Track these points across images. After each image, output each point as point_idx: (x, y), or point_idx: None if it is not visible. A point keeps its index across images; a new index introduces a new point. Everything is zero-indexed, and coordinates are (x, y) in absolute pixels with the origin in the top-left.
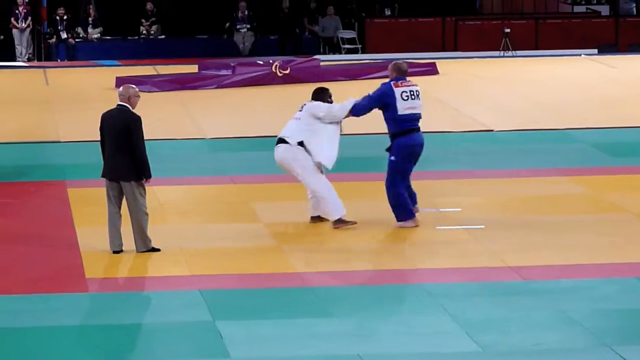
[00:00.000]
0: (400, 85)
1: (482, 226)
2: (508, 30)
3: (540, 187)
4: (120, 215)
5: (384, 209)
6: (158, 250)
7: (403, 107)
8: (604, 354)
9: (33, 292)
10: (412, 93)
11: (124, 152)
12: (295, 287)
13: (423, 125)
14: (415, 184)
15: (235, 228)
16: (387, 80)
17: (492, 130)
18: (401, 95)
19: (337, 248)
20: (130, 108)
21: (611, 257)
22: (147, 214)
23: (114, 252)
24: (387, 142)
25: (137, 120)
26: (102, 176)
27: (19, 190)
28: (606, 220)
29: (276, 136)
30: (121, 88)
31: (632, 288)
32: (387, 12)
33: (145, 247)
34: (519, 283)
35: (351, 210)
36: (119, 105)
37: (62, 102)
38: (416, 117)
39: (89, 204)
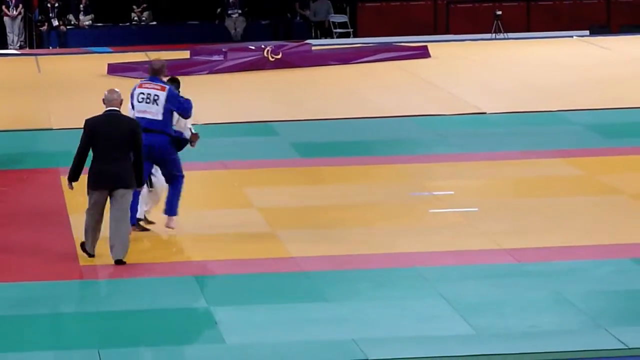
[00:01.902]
0: (142, 86)
1: (476, 209)
2: (499, 12)
3: (534, 169)
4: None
5: (376, 192)
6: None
7: (137, 109)
8: (600, 335)
9: (27, 280)
10: (148, 96)
11: (125, 158)
12: (289, 272)
13: (416, 108)
14: (408, 167)
15: (229, 213)
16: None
17: (484, 113)
18: (138, 96)
19: (331, 233)
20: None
21: (606, 238)
22: None
23: (85, 252)
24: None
25: (139, 125)
26: (97, 186)
27: (11, 178)
28: (600, 201)
29: (269, 121)
30: (108, 93)
31: (627, 269)
32: None
33: (124, 254)
34: (513, 265)
35: (342, 194)
36: (111, 110)
37: (54, 89)
38: (147, 122)
39: (82, 192)
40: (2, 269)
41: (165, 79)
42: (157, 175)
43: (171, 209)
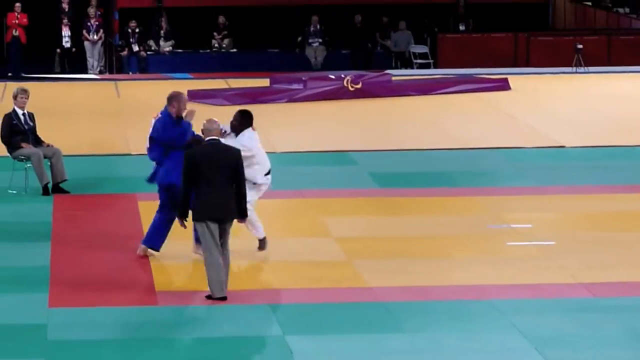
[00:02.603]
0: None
1: (553, 242)
2: (580, 46)
3: (612, 204)
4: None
5: (454, 224)
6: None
7: None
8: None
9: (103, 305)
10: None
11: (230, 189)
12: (365, 302)
13: (496, 140)
14: (486, 200)
15: (306, 242)
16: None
17: (563, 147)
18: None
19: (408, 263)
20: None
21: None
22: None
23: (217, 298)
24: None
25: (240, 154)
26: (210, 217)
27: (90, 203)
28: None
29: (347, 151)
30: (207, 123)
31: None
32: (462, 27)
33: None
34: (589, 300)
35: (420, 224)
36: (212, 140)
37: (133, 114)
38: None
39: None
40: (78, 293)
41: (173, 108)
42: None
43: (146, 237)
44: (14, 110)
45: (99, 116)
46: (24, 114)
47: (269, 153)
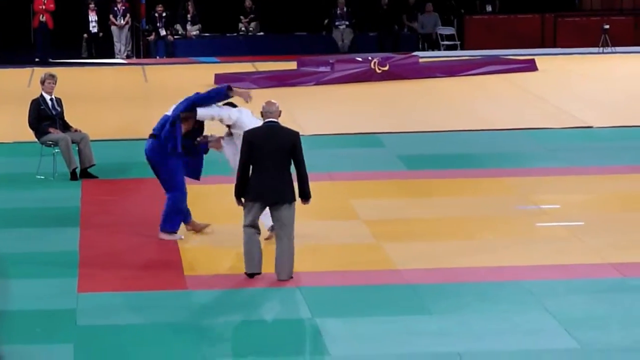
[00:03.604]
0: None
1: (582, 223)
2: (607, 26)
3: None
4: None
5: (482, 205)
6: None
7: None
8: None
9: (132, 290)
10: None
11: (284, 171)
12: (394, 284)
13: (523, 121)
14: (514, 181)
15: (335, 225)
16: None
17: (591, 127)
18: None
19: (437, 245)
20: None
21: None
22: None
23: (253, 274)
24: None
25: (299, 136)
26: (259, 199)
27: (118, 187)
28: None
29: (375, 133)
30: (266, 105)
31: None
32: (489, 9)
33: (290, 273)
34: (619, 280)
35: (448, 206)
36: (270, 122)
37: (160, 99)
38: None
39: (187, 201)
40: (107, 278)
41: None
42: None
43: (162, 222)
44: (41, 95)
45: (127, 101)
46: (51, 99)
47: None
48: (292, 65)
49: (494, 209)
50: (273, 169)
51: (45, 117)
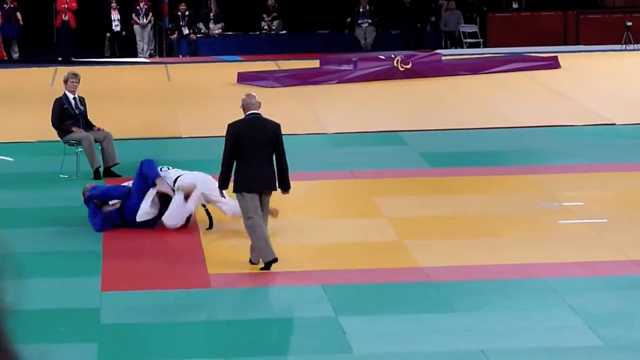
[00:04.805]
0: None
1: (605, 220)
2: (630, 23)
3: None
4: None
5: (505, 203)
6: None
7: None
8: None
9: (155, 288)
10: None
11: (270, 161)
12: (418, 282)
13: (546, 118)
14: (537, 178)
15: (358, 223)
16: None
17: (614, 124)
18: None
19: (459, 243)
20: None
21: None
22: None
23: (272, 261)
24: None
25: (280, 127)
26: (251, 189)
27: None
28: None
29: (398, 131)
30: (246, 97)
31: None
32: (515, 5)
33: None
34: None
35: (471, 204)
36: (253, 114)
37: (183, 97)
38: None
39: None
40: (130, 276)
41: None
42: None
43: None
44: (64, 94)
45: (150, 99)
46: (74, 98)
47: (320, 134)
48: (314, 63)
49: (517, 207)
50: (260, 159)
51: (68, 116)
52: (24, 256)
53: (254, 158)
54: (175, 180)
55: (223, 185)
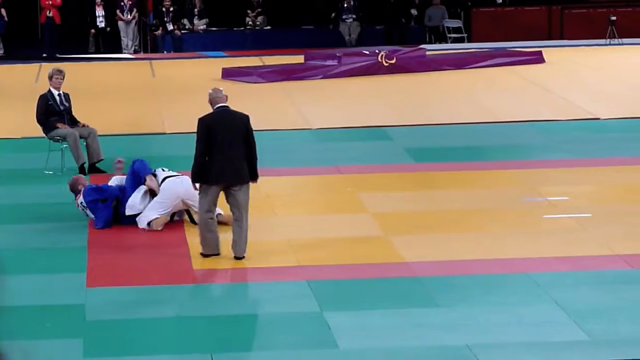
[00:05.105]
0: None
1: (589, 214)
2: (614, 18)
3: None
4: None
5: (489, 197)
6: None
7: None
8: None
9: (140, 284)
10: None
11: (242, 153)
12: (402, 277)
13: (530, 113)
14: (521, 173)
15: (343, 218)
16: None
17: (598, 119)
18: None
19: (444, 238)
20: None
21: None
22: None
23: (209, 255)
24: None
25: (249, 118)
26: (218, 182)
27: None
28: None
29: (383, 126)
30: (213, 92)
31: None
32: (499, 0)
33: (245, 251)
34: (627, 271)
35: (456, 199)
36: (222, 107)
37: (168, 93)
38: None
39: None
40: (115, 272)
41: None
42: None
43: None
44: (49, 91)
45: (134, 96)
46: (59, 95)
47: (305, 129)
48: (299, 59)
49: (501, 202)
50: (231, 151)
51: (53, 113)
52: (8, 252)
53: (226, 149)
54: (163, 180)
55: (196, 178)
